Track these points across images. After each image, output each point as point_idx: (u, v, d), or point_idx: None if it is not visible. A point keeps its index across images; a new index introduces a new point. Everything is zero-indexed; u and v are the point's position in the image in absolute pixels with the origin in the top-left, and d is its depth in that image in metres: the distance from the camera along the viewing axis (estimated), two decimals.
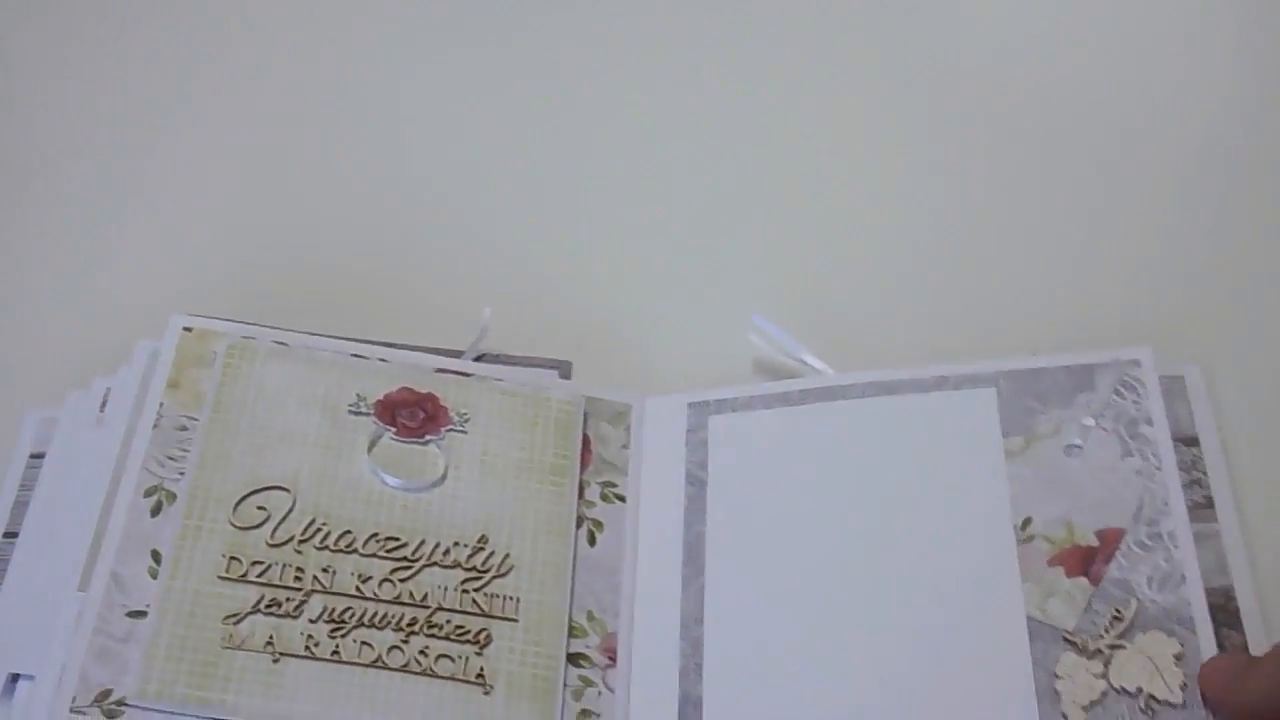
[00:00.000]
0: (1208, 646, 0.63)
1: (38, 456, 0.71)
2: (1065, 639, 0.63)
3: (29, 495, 0.69)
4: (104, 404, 0.71)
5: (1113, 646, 0.63)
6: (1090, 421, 0.69)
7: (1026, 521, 0.67)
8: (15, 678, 0.63)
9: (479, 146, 0.85)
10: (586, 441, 0.71)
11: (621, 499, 0.70)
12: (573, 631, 0.66)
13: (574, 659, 0.65)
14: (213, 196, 0.83)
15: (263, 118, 0.87)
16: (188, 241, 0.82)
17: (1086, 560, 0.65)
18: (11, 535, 0.68)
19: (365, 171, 0.84)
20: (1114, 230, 0.80)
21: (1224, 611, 0.64)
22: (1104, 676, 0.62)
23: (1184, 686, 0.62)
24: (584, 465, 0.70)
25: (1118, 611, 0.64)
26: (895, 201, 0.82)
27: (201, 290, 0.78)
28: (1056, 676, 0.63)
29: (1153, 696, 0.62)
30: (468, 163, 0.85)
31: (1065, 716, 0.61)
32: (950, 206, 0.82)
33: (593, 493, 0.70)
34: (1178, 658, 0.62)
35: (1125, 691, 0.62)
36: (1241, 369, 0.73)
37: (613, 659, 0.66)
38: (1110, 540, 0.66)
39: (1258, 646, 0.63)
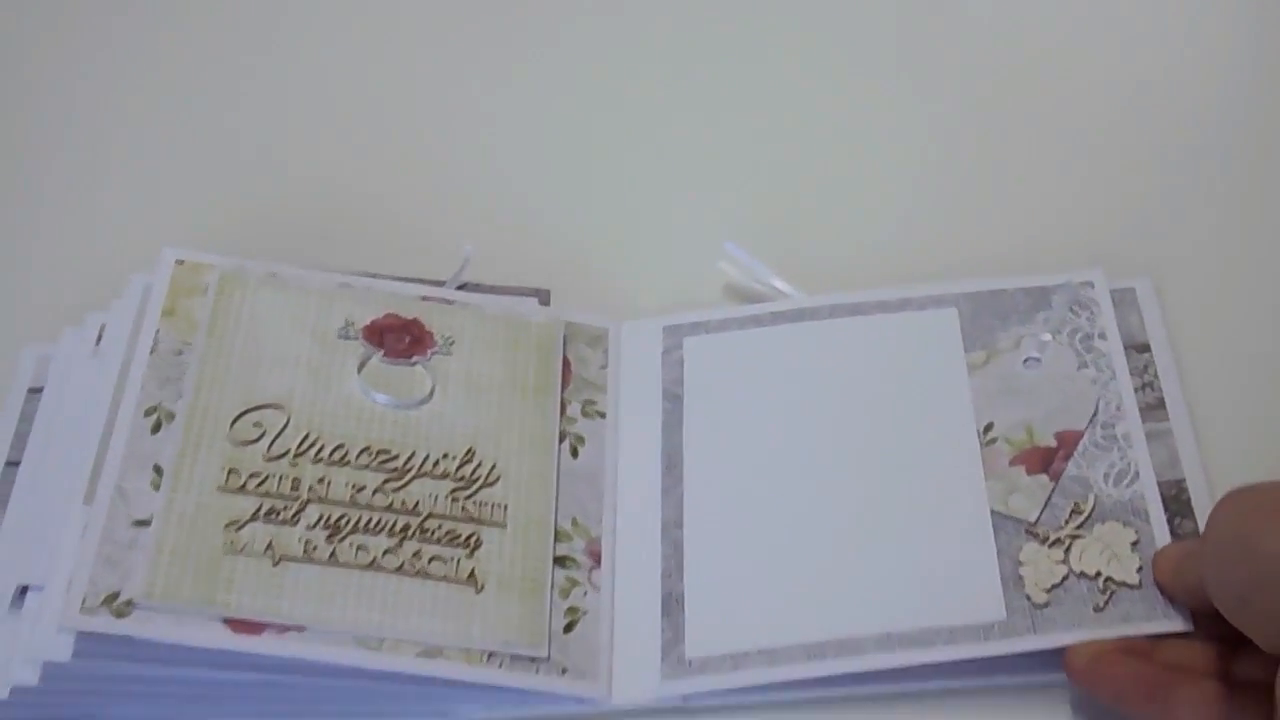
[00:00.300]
0: (1161, 535, 0.65)
1: (36, 390, 0.72)
2: (1027, 530, 0.66)
3: (28, 428, 0.70)
4: (99, 337, 0.72)
5: (1073, 536, 0.65)
6: (1047, 337, 0.71)
7: (989, 426, 0.69)
8: (24, 590, 0.64)
9: (458, 88, 0.87)
10: (566, 363, 0.73)
11: (602, 415, 0.72)
12: (558, 536, 0.68)
13: (560, 561, 0.67)
14: (200, 137, 0.85)
15: (248, 58, 0.88)
16: (176, 181, 0.83)
17: (1046, 459, 0.68)
18: (13, 464, 0.69)
19: (349, 112, 0.86)
20: (1070, 154, 0.82)
21: (1176, 502, 0.67)
22: (1065, 563, 0.65)
23: (1140, 570, 0.64)
24: (564, 385, 0.72)
25: (1077, 505, 0.66)
26: (860, 135, 0.84)
27: (190, 229, 0.79)
28: (1020, 564, 0.65)
29: (1111, 579, 0.64)
30: (447, 103, 0.86)
31: (1029, 598, 0.64)
32: (912, 140, 0.84)
33: (574, 410, 0.72)
34: (1134, 544, 0.65)
35: (1085, 575, 0.64)
36: (1188, 279, 0.75)
37: (598, 561, 0.68)
38: (1068, 441, 0.68)
39: None
